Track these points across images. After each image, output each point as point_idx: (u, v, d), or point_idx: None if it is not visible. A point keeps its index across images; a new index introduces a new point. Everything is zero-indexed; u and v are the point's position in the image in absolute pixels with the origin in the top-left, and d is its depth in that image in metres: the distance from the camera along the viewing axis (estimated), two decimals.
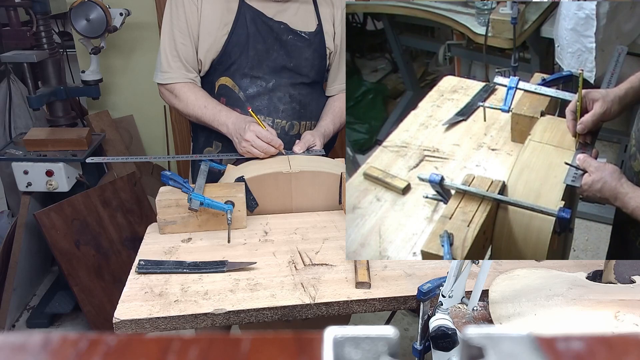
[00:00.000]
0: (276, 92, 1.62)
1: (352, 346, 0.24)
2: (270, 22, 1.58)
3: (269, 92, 1.61)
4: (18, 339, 0.25)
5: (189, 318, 1.06)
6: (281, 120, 1.63)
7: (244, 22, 1.57)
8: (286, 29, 1.60)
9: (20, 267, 2.28)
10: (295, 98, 1.64)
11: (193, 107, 1.59)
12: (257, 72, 1.60)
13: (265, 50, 1.59)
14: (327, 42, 1.67)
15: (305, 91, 1.66)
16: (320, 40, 1.65)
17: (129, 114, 2.77)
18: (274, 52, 1.60)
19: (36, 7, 2.22)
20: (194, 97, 1.59)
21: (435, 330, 0.86)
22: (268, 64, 1.60)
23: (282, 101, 1.63)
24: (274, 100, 1.62)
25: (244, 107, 1.60)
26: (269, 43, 1.59)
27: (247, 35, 1.57)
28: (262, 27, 1.58)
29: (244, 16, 1.57)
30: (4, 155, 2.18)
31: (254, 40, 1.58)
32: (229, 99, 1.61)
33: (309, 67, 1.65)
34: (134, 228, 2.33)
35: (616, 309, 0.81)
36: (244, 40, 1.57)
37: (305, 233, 1.37)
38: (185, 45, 1.58)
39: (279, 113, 1.62)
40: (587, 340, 0.25)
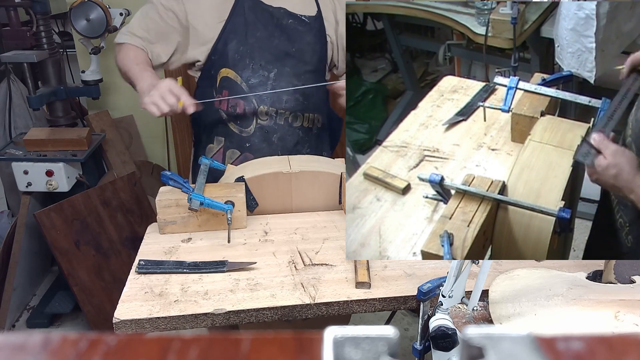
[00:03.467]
0: (279, 81, 1.60)
1: (352, 346, 0.24)
2: (269, 8, 1.58)
3: (272, 81, 1.60)
4: (18, 339, 0.25)
5: (189, 318, 1.06)
6: (284, 111, 1.62)
7: (242, 10, 1.56)
8: (286, 13, 1.59)
9: (20, 267, 2.28)
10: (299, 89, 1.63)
11: (126, 62, 1.54)
12: (259, 60, 1.58)
13: (266, 37, 1.58)
14: (328, 29, 1.66)
15: (310, 81, 1.64)
16: (320, 25, 1.64)
17: (129, 114, 2.77)
18: (275, 38, 1.59)
19: (36, 7, 2.22)
20: (133, 54, 1.55)
21: (435, 330, 0.86)
22: (270, 51, 1.59)
23: (285, 91, 1.61)
24: (277, 89, 1.60)
25: (247, 98, 1.58)
26: (270, 30, 1.58)
27: (245, 23, 1.56)
28: (261, 14, 1.57)
29: (242, 5, 1.56)
30: (4, 155, 2.18)
31: (253, 28, 1.57)
32: (232, 91, 1.60)
33: (311, 52, 1.63)
34: (134, 228, 2.33)
35: (616, 309, 0.81)
36: (241, 28, 1.56)
37: (305, 233, 1.37)
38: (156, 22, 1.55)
39: (282, 103, 1.61)
40: (587, 340, 0.25)
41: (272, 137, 1.63)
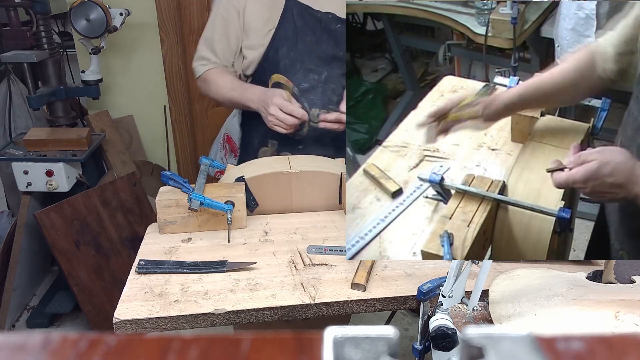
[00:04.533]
0: (329, 83, 1.61)
1: (352, 346, 0.24)
2: (317, 13, 1.59)
3: (322, 84, 1.61)
4: (18, 339, 0.25)
5: (189, 318, 1.06)
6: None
7: (291, 16, 1.58)
8: (334, 19, 1.60)
9: (20, 267, 2.28)
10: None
11: (222, 91, 1.62)
12: (309, 64, 1.60)
13: (315, 42, 1.60)
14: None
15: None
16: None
17: (129, 114, 2.77)
18: (323, 43, 1.60)
19: (36, 7, 2.22)
20: (222, 82, 1.62)
21: (435, 330, 0.86)
22: (319, 56, 1.60)
23: (335, 92, 1.62)
24: (327, 92, 1.61)
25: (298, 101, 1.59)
26: (318, 34, 1.60)
27: (295, 28, 1.58)
28: (309, 19, 1.59)
29: (291, 11, 1.58)
30: (4, 155, 2.18)
31: (302, 33, 1.58)
32: None
33: None
34: (134, 228, 2.33)
35: (616, 309, 0.81)
36: (291, 34, 1.58)
37: (305, 233, 1.37)
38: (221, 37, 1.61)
39: (333, 104, 1.61)
40: (587, 340, 0.25)
41: (325, 138, 1.64)
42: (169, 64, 2.69)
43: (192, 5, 2.66)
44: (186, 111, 2.81)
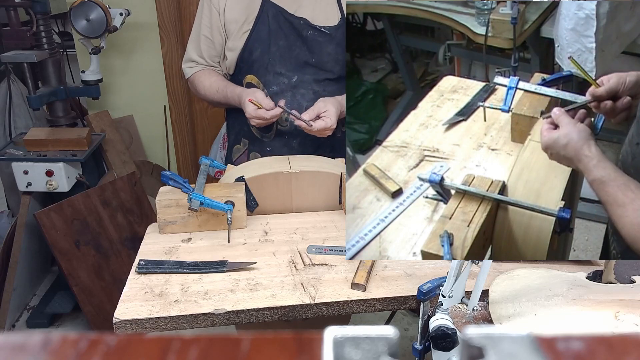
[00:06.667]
0: (299, 88, 1.62)
1: (352, 346, 0.24)
2: (291, 18, 1.59)
3: (292, 89, 1.62)
4: (18, 339, 0.25)
5: (189, 318, 1.06)
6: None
7: (266, 19, 1.58)
8: (306, 25, 1.60)
9: (20, 267, 2.28)
10: (320, 94, 1.62)
11: (210, 93, 1.65)
12: (280, 68, 1.61)
13: (287, 46, 1.60)
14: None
15: (331, 87, 1.65)
16: (343, 34, 1.64)
17: (129, 114, 2.77)
18: (296, 48, 1.61)
19: (36, 7, 2.22)
20: (207, 83, 1.66)
21: (435, 330, 0.86)
22: (291, 60, 1.61)
23: (305, 98, 1.62)
24: (297, 96, 1.62)
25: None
26: (291, 40, 1.60)
27: (269, 32, 1.59)
28: (284, 23, 1.59)
29: (267, 13, 1.58)
30: (4, 155, 2.18)
31: (276, 37, 1.59)
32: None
33: (333, 62, 1.64)
34: (134, 228, 2.33)
35: (616, 309, 0.81)
36: (265, 36, 1.59)
37: (305, 233, 1.37)
38: (205, 38, 1.64)
39: (301, 110, 1.61)
40: (587, 340, 0.25)
41: (292, 142, 1.65)
42: (169, 64, 2.69)
43: (192, 5, 2.66)
44: (186, 111, 2.81)
